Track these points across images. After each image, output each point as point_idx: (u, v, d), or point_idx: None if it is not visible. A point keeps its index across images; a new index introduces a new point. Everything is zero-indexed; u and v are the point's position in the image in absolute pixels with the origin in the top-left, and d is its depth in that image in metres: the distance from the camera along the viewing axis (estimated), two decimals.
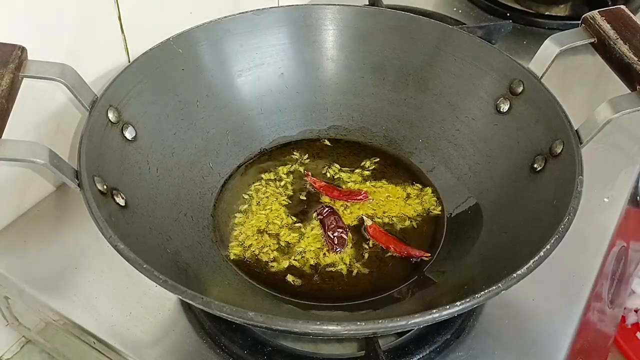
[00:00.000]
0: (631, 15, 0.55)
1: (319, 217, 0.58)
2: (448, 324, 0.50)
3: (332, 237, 0.56)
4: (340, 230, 0.56)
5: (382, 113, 0.66)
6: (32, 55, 0.49)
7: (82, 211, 0.43)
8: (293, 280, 0.53)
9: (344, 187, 0.62)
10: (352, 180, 0.63)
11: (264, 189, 0.62)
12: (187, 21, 0.61)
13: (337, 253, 0.55)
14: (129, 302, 0.52)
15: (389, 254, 0.56)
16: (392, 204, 0.60)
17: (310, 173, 0.63)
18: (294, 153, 0.65)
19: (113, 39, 0.62)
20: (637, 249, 0.84)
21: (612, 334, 0.86)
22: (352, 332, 0.38)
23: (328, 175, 0.63)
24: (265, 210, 0.59)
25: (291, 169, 0.64)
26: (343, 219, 0.58)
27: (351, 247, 0.56)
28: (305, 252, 0.56)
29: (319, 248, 0.56)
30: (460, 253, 0.54)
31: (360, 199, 0.60)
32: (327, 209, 0.58)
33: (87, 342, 0.52)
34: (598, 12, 0.55)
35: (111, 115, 0.51)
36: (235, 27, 0.62)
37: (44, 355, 0.61)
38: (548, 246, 0.42)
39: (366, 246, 0.57)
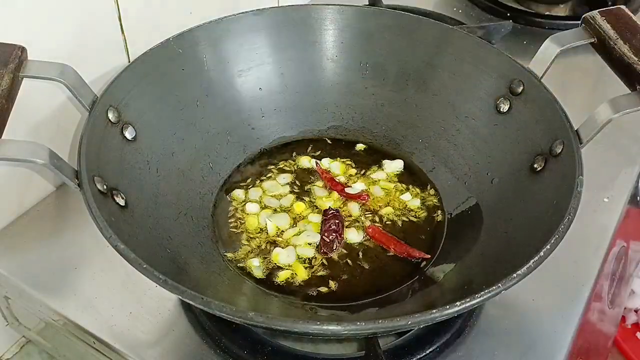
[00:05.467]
0: (631, 15, 0.55)
1: (323, 217, 0.58)
2: (448, 324, 0.50)
3: (325, 239, 0.56)
4: (335, 234, 0.56)
5: (382, 113, 0.66)
6: (32, 55, 0.49)
7: (82, 211, 0.43)
8: (293, 280, 0.53)
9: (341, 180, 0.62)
10: (350, 175, 0.63)
11: (264, 188, 0.61)
12: (187, 21, 0.61)
13: (323, 255, 0.55)
14: (129, 302, 0.52)
15: (389, 254, 0.56)
16: (392, 204, 0.60)
17: (319, 163, 0.63)
18: (294, 153, 0.65)
19: (113, 39, 0.62)
20: (637, 249, 0.84)
21: (612, 334, 0.86)
22: (352, 332, 0.38)
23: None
24: (266, 210, 0.59)
25: (291, 169, 0.64)
26: (343, 214, 0.58)
27: (351, 248, 0.56)
28: (305, 252, 0.56)
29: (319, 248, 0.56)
30: (460, 253, 0.54)
31: (361, 200, 0.60)
32: (332, 211, 0.58)
33: (87, 342, 0.52)
34: (598, 12, 0.55)
35: (111, 116, 0.51)
36: (235, 27, 0.62)
37: (44, 355, 0.61)
38: (548, 246, 0.42)
39: (366, 246, 0.57)
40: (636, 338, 1.10)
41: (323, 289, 0.53)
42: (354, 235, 0.57)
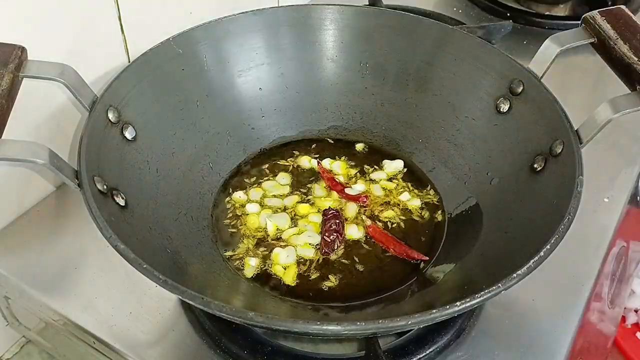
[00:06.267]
0: (631, 15, 0.55)
1: (323, 217, 0.58)
2: (448, 324, 0.50)
3: (325, 239, 0.56)
4: (336, 234, 0.56)
5: (382, 113, 0.66)
6: (32, 55, 0.49)
7: (82, 211, 0.43)
8: (293, 280, 0.53)
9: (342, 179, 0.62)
10: (351, 175, 0.63)
11: (264, 188, 0.61)
12: (187, 21, 0.61)
13: (324, 255, 0.55)
14: (129, 302, 0.52)
15: (389, 254, 0.56)
16: (392, 204, 0.60)
17: (321, 162, 0.64)
18: (294, 153, 0.65)
19: (113, 39, 0.62)
20: (637, 249, 0.84)
21: (612, 334, 0.86)
22: (352, 332, 0.38)
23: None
24: (266, 209, 0.59)
25: (291, 169, 0.64)
26: (343, 213, 0.58)
27: (351, 248, 0.56)
28: (305, 252, 0.56)
29: (319, 248, 0.56)
30: (460, 253, 0.54)
31: (359, 202, 0.60)
32: (332, 211, 0.58)
33: (87, 342, 0.52)
34: (598, 12, 0.55)
35: (111, 115, 0.51)
36: (235, 27, 0.62)
37: (44, 355, 0.61)
38: (548, 246, 0.42)
39: (367, 246, 0.57)
40: (636, 338, 1.10)
41: (323, 289, 0.53)
42: (354, 231, 0.57)
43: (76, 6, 0.56)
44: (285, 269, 0.54)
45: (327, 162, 0.64)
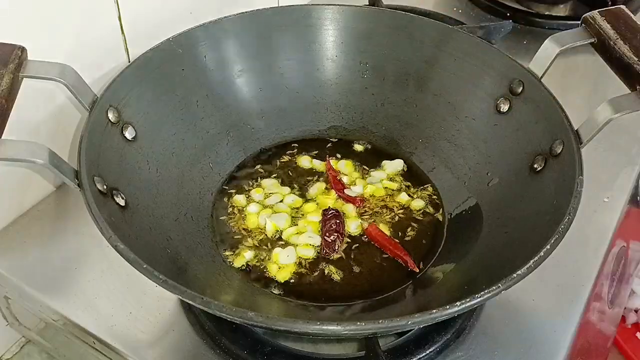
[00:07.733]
0: (631, 15, 0.55)
1: (323, 217, 0.58)
2: (448, 324, 0.50)
3: (326, 239, 0.56)
4: (336, 234, 0.56)
5: (382, 113, 0.66)
6: (32, 55, 0.49)
7: (82, 211, 0.43)
8: (293, 280, 0.53)
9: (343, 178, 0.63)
10: (351, 175, 0.63)
11: (264, 188, 0.61)
12: (187, 21, 0.61)
13: (326, 255, 0.55)
14: (129, 302, 0.52)
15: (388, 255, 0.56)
16: (391, 204, 0.60)
17: (330, 159, 0.64)
18: (294, 153, 0.65)
19: (113, 39, 0.62)
20: (637, 249, 0.84)
21: (612, 334, 0.86)
22: (352, 332, 0.38)
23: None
24: (265, 209, 0.59)
25: (291, 169, 0.64)
26: (343, 213, 0.58)
27: (351, 248, 0.56)
28: (305, 252, 0.56)
29: (318, 248, 0.56)
30: (460, 253, 0.54)
31: (356, 203, 0.60)
32: (332, 211, 0.58)
33: (87, 342, 0.52)
34: (598, 12, 0.55)
35: (111, 115, 0.51)
36: (235, 27, 0.62)
37: (44, 355, 0.61)
38: (548, 246, 0.42)
39: (366, 246, 0.57)
40: (636, 338, 1.10)
41: (324, 289, 0.53)
42: (353, 228, 0.58)
43: (76, 6, 0.56)
44: (279, 268, 0.54)
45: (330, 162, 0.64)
